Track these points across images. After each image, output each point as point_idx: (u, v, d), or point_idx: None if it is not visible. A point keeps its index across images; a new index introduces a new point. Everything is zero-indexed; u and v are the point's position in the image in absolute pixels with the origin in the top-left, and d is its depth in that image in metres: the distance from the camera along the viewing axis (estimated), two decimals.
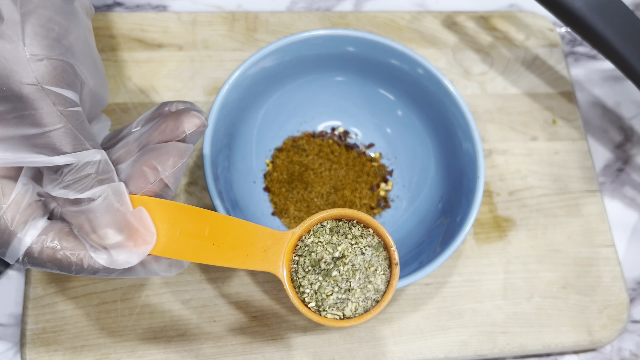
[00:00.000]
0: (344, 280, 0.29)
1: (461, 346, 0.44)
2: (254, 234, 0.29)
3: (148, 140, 0.29)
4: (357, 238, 0.30)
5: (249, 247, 0.29)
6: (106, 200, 0.27)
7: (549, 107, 0.54)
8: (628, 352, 0.48)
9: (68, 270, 0.28)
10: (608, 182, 0.54)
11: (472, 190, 0.41)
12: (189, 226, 0.29)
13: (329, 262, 0.29)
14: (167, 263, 0.29)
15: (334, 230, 0.30)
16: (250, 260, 0.29)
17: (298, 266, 0.30)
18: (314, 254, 0.29)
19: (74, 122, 0.26)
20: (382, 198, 0.47)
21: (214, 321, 0.42)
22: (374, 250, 0.30)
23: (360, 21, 0.55)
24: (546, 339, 0.45)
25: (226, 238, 0.29)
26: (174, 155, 0.28)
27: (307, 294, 0.29)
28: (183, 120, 0.29)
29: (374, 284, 0.29)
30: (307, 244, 0.30)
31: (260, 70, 0.43)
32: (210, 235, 0.29)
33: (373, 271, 0.29)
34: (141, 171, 0.28)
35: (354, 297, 0.29)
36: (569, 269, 0.48)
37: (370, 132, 0.49)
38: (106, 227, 0.27)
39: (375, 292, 0.29)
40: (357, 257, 0.29)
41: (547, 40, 0.57)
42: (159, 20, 0.52)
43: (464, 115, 0.42)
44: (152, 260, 0.29)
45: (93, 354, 0.40)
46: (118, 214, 0.27)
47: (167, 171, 0.28)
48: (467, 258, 0.47)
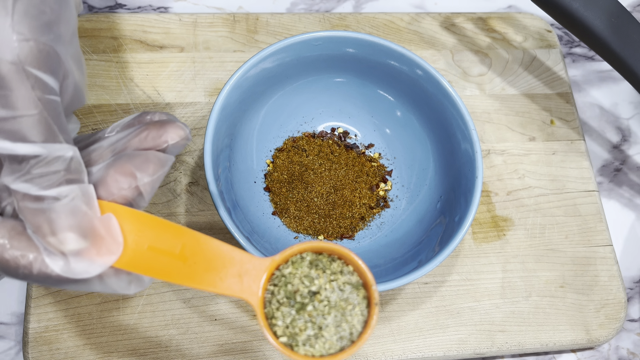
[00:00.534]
0: (319, 316, 0.27)
1: (460, 345, 0.44)
2: (230, 257, 0.27)
3: (125, 147, 0.28)
4: (337, 274, 0.28)
5: (224, 270, 0.27)
6: (73, 202, 0.24)
7: (547, 108, 0.54)
8: (625, 350, 0.48)
9: (14, 274, 0.25)
10: (605, 182, 0.54)
11: (470, 190, 0.41)
12: (160, 241, 0.26)
13: (305, 295, 0.28)
14: (126, 280, 0.27)
15: (313, 263, 0.29)
16: (223, 284, 0.27)
17: (272, 296, 0.28)
18: (290, 285, 0.28)
19: (51, 111, 0.24)
20: (382, 198, 0.48)
21: (215, 320, 0.43)
22: (353, 288, 0.28)
23: (359, 23, 0.55)
24: (544, 338, 0.45)
25: (200, 258, 0.27)
26: (155, 164, 0.27)
27: (279, 326, 0.28)
28: (167, 129, 0.28)
29: (349, 323, 0.28)
30: (284, 274, 0.28)
31: (261, 71, 0.43)
32: (182, 253, 0.27)
33: (350, 310, 0.28)
34: (115, 176, 0.26)
35: (328, 335, 0.27)
36: (567, 268, 0.48)
37: (369, 133, 0.50)
38: (68, 230, 0.24)
39: (350, 332, 0.28)
40: (334, 293, 0.28)
41: (545, 41, 0.57)
42: (160, 21, 0.52)
43: (462, 116, 0.43)
44: (111, 274, 0.26)
45: (95, 353, 0.41)
46: (85, 217, 0.25)
47: (146, 178, 0.26)
48: (465, 257, 0.47)
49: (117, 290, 0.27)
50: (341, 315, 0.28)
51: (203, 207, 0.46)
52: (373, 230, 0.46)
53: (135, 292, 0.27)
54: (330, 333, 0.27)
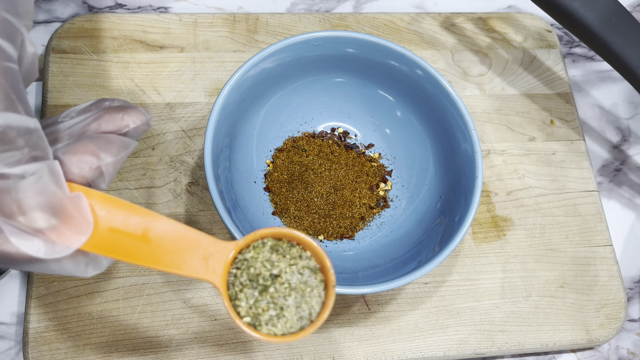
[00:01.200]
0: (280, 297, 0.29)
1: (460, 345, 0.44)
2: (195, 240, 0.28)
3: (83, 130, 0.27)
4: (296, 259, 0.30)
5: (189, 252, 0.27)
6: (40, 180, 0.23)
7: (547, 108, 0.54)
8: (625, 350, 0.48)
9: None
10: (605, 182, 0.54)
11: (470, 190, 0.41)
12: (122, 223, 0.26)
13: (267, 278, 0.29)
14: (84, 262, 0.26)
15: (273, 248, 0.30)
16: (188, 266, 0.27)
17: (236, 279, 0.29)
18: (253, 268, 0.29)
19: (9, 79, 0.22)
20: (382, 198, 0.48)
21: (215, 320, 0.43)
22: (312, 272, 0.30)
23: (359, 23, 0.55)
24: (544, 338, 0.45)
25: (164, 241, 0.27)
26: (118, 145, 0.26)
27: (242, 307, 0.29)
28: (129, 113, 0.28)
29: (309, 304, 0.29)
30: (246, 258, 0.29)
31: (261, 71, 0.43)
32: (145, 235, 0.26)
33: (309, 292, 0.29)
34: (77, 156, 0.25)
35: (289, 315, 0.29)
36: (567, 268, 0.48)
37: (369, 133, 0.50)
38: (37, 209, 0.23)
39: (310, 313, 0.29)
40: (294, 276, 0.29)
41: (545, 41, 0.57)
42: (160, 21, 0.52)
43: (462, 116, 0.43)
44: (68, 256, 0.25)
45: (95, 353, 0.41)
46: (54, 196, 0.23)
47: (109, 158, 0.26)
48: (465, 257, 0.47)
49: (74, 273, 0.26)
50: (301, 297, 0.29)
51: (203, 207, 0.46)
52: (373, 230, 0.47)
53: (92, 274, 0.26)
54: (291, 313, 0.29)
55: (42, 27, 0.52)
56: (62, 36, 0.50)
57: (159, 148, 0.47)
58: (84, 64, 0.49)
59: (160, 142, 0.48)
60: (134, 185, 0.46)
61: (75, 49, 0.50)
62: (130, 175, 0.46)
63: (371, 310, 0.45)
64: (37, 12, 0.52)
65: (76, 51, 0.50)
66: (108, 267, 0.43)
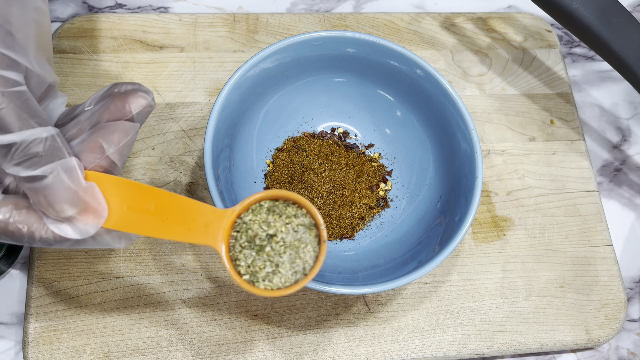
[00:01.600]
0: (276, 255, 0.31)
1: (460, 345, 0.44)
2: (196, 210, 0.31)
3: (99, 119, 0.31)
4: (291, 217, 0.32)
5: (192, 222, 0.31)
6: (57, 177, 0.28)
7: (547, 108, 0.54)
8: (625, 350, 0.48)
9: (20, 240, 0.29)
10: (605, 182, 0.55)
11: (470, 190, 0.41)
12: (136, 201, 0.30)
13: (263, 238, 0.31)
14: (117, 235, 0.31)
15: (270, 209, 0.32)
16: (191, 234, 0.31)
17: (236, 242, 0.32)
18: (250, 230, 0.32)
19: (17, 101, 0.27)
20: (382, 198, 0.48)
21: (215, 320, 0.43)
22: (306, 228, 0.32)
23: (359, 23, 0.55)
24: (544, 338, 0.45)
25: (170, 213, 0.31)
26: (119, 133, 0.30)
27: (242, 266, 0.31)
28: (130, 100, 0.31)
29: (303, 259, 0.31)
30: (245, 222, 0.32)
31: (261, 71, 0.43)
32: (156, 210, 0.30)
33: (303, 248, 0.32)
34: (89, 148, 0.29)
35: (284, 271, 0.31)
36: (567, 268, 0.48)
37: (369, 133, 0.50)
38: (60, 202, 0.28)
39: (303, 267, 0.32)
40: (289, 234, 0.32)
41: (545, 41, 0.57)
42: (160, 21, 0.52)
43: (462, 116, 0.43)
44: (103, 232, 0.30)
45: (95, 353, 0.41)
46: (69, 190, 0.28)
47: (112, 148, 0.30)
48: (465, 257, 0.47)
49: (110, 245, 0.31)
50: (295, 253, 0.32)
51: None
52: (373, 230, 0.47)
53: (125, 245, 0.31)
54: (286, 269, 0.31)
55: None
56: (62, 36, 0.50)
57: (159, 148, 0.47)
58: (84, 64, 0.49)
59: (160, 142, 0.48)
60: None
61: (75, 49, 0.50)
62: (130, 175, 0.46)
63: (371, 310, 0.45)
64: None
65: (76, 51, 0.50)
66: (107, 267, 0.43)
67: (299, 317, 0.44)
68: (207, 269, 0.44)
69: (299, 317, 0.44)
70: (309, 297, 0.44)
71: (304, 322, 0.43)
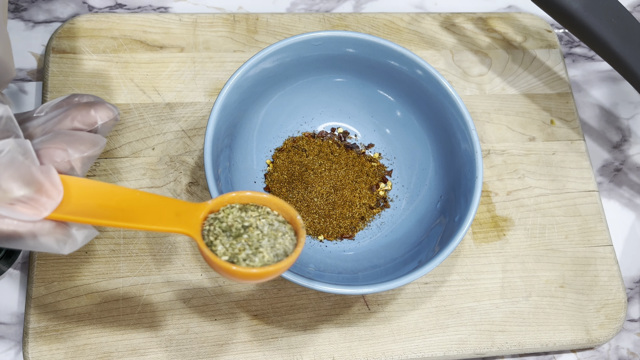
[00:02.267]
0: (255, 240, 0.30)
1: (460, 345, 0.44)
2: (167, 203, 0.30)
3: (57, 127, 0.29)
4: (264, 215, 0.32)
5: (162, 212, 0.29)
6: (10, 153, 0.25)
7: (547, 108, 0.54)
8: (626, 350, 0.48)
9: None
10: (605, 182, 0.54)
11: (470, 190, 0.41)
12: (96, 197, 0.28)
13: (239, 228, 0.30)
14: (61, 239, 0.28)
15: (242, 209, 0.31)
16: (162, 222, 0.29)
17: (209, 232, 0.30)
18: (225, 223, 0.31)
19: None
20: (382, 198, 0.48)
21: (215, 320, 0.43)
22: (281, 223, 0.32)
23: (359, 23, 0.55)
24: (544, 338, 0.45)
25: (137, 206, 0.29)
26: (87, 142, 0.28)
27: (219, 250, 0.30)
28: (98, 109, 0.29)
29: (283, 245, 0.31)
30: (217, 217, 0.31)
31: (261, 71, 0.43)
32: (119, 206, 0.28)
33: (281, 235, 0.31)
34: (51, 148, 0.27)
35: (265, 252, 0.30)
36: (567, 268, 0.48)
37: (369, 133, 0.50)
38: (10, 180, 0.25)
39: (284, 251, 0.31)
40: (265, 226, 0.31)
41: (545, 41, 0.57)
42: (160, 21, 0.52)
43: (462, 116, 0.43)
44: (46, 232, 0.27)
45: (95, 353, 0.41)
46: (24, 167, 0.26)
47: (77, 154, 0.28)
48: (465, 257, 0.47)
49: (51, 248, 0.27)
50: (274, 240, 0.31)
51: None
52: (373, 230, 0.47)
53: (69, 252, 0.28)
54: (267, 251, 0.30)
55: (42, 27, 0.52)
56: (62, 36, 0.50)
57: (159, 148, 0.47)
58: (84, 64, 0.49)
59: (160, 142, 0.48)
60: (134, 185, 0.46)
61: (75, 49, 0.50)
62: (130, 175, 0.46)
63: (371, 310, 0.45)
64: (37, 12, 0.52)
65: (76, 51, 0.50)
66: (107, 267, 0.43)
67: (299, 317, 0.44)
68: (207, 268, 0.44)
69: (299, 317, 0.44)
70: (309, 297, 0.44)
71: (304, 322, 0.43)
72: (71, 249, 0.28)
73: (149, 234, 0.44)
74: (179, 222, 0.30)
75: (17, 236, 0.26)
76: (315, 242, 0.45)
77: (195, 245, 0.45)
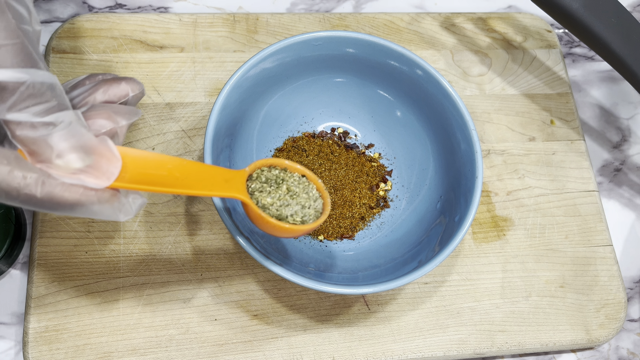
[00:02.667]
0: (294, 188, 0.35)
1: (460, 345, 0.44)
2: (214, 171, 0.33)
3: (86, 101, 0.30)
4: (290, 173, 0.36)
5: (211, 179, 0.32)
6: (71, 125, 0.26)
7: (547, 108, 0.54)
8: (625, 350, 0.48)
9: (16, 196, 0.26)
10: (605, 182, 0.55)
11: (470, 190, 0.41)
12: (149, 166, 0.29)
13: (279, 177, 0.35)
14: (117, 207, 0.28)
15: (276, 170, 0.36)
16: (214, 188, 0.32)
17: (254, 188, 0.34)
18: (264, 177, 0.35)
19: (29, 40, 0.25)
20: (382, 198, 0.48)
21: (215, 320, 0.43)
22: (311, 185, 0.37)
23: (359, 23, 0.55)
24: (544, 338, 0.45)
25: (188, 174, 0.31)
26: (127, 112, 0.30)
27: (267, 201, 0.34)
28: (127, 82, 0.31)
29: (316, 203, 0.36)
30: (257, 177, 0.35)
31: (261, 71, 0.43)
32: (170, 173, 0.30)
33: (313, 195, 0.36)
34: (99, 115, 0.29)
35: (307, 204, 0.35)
36: (567, 268, 0.48)
37: (369, 133, 0.50)
38: (72, 151, 0.26)
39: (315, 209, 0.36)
40: (295, 181, 0.36)
41: (545, 41, 0.57)
42: (160, 21, 0.52)
43: (462, 116, 0.43)
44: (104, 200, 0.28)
45: (95, 353, 0.41)
46: (84, 138, 0.26)
47: (124, 121, 0.29)
48: (465, 257, 0.47)
49: (108, 216, 0.28)
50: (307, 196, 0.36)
51: (203, 207, 0.46)
52: (373, 230, 0.47)
53: (124, 219, 0.29)
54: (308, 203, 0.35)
55: (42, 27, 0.52)
56: (62, 36, 0.50)
57: (159, 148, 0.47)
58: (84, 64, 0.49)
59: (160, 142, 0.48)
60: None
61: (75, 49, 0.50)
62: None
63: (371, 310, 0.45)
64: (37, 12, 0.52)
65: (76, 51, 0.50)
66: (107, 267, 0.43)
67: (299, 317, 0.44)
68: (207, 268, 0.44)
69: (299, 317, 0.44)
70: (309, 297, 0.44)
71: (304, 322, 0.43)
72: (126, 217, 0.29)
73: (149, 233, 0.44)
74: (229, 188, 0.32)
75: (80, 204, 0.27)
76: (315, 242, 0.45)
77: (191, 246, 0.45)
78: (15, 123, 0.25)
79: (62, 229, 0.44)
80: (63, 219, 0.44)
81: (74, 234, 0.44)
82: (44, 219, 0.44)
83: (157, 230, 0.45)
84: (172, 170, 0.30)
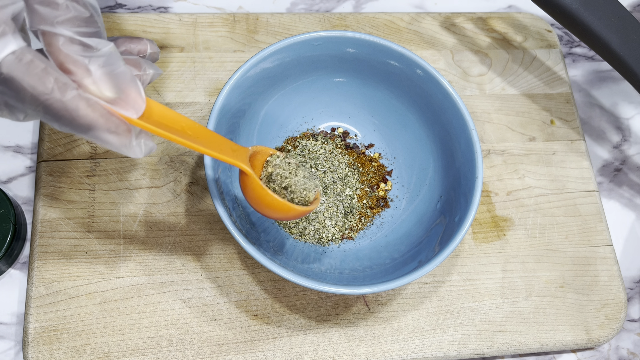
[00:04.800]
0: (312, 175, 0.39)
1: (460, 345, 0.44)
2: (223, 140, 0.34)
3: None
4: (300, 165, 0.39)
5: (221, 145, 0.34)
6: (110, 56, 0.26)
7: (547, 108, 0.54)
8: (626, 350, 0.48)
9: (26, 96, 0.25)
10: (605, 182, 0.54)
11: (470, 190, 0.41)
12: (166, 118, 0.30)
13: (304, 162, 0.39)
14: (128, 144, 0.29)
15: None
16: (223, 152, 0.33)
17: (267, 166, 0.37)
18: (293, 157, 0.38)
19: None
20: (382, 198, 0.48)
21: (215, 320, 0.43)
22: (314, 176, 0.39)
23: (359, 23, 0.55)
24: (544, 338, 0.45)
25: (200, 134, 0.32)
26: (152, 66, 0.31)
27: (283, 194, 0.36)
28: (144, 41, 0.33)
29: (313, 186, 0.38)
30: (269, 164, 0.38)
31: (261, 71, 0.43)
32: (184, 130, 0.31)
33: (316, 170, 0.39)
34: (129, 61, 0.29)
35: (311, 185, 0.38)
36: (567, 268, 0.48)
37: (369, 133, 0.50)
38: (107, 79, 0.27)
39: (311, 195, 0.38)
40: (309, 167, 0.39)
41: (545, 41, 0.57)
42: (160, 21, 0.52)
43: (462, 116, 0.43)
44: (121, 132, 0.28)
45: (95, 353, 0.41)
46: (120, 69, 0.27)
47: (151, 70, 0.31)
48: (465, 257, 0.47)
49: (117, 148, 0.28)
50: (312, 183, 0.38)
51: (203, 207, 0.46)
52: (373, 230, 0.46)
53: (133, 156, 0.29)
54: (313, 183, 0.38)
55: None
56: None
57: (159, 148, 0.47)
58: None
59: (160, 142, 0.48)
60: (134, 185, 0.46)
61: None
62: (131, 175, 0.46)
63: (371, 310, 0.45)
64: None
65: None
66: (107, 267, 0.43)
67: (299, 317, 0.44)
68: (207, 268, 0.44)
69: (299, 317, 0.44)
70: (309, 297, 0.44)
71: (304, 322, 0.43)
72: (134, 155, 0.29)
73: (149, 234, 0.44)
74: (236, 157, 0.34)
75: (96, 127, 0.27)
76: (315, 242, 0.45)
77: (191, 246, 0.45)
78: (59, 37, 0.25)
79: (62, 229, 0.44)
80: (63, 219, 0.44)
81: (74, 234, 0.44)
82: (44, 219, 0.44)
83: (157, 230, 0.45)
84: (186, 128, 0.31)
